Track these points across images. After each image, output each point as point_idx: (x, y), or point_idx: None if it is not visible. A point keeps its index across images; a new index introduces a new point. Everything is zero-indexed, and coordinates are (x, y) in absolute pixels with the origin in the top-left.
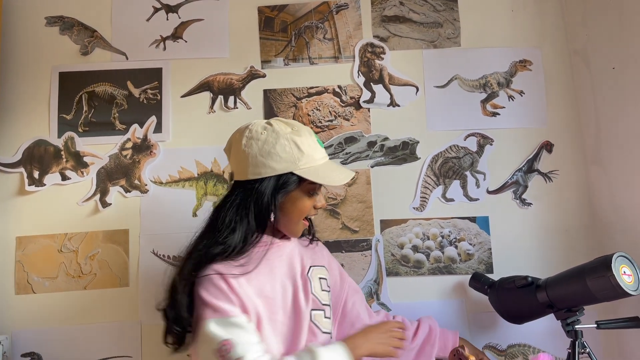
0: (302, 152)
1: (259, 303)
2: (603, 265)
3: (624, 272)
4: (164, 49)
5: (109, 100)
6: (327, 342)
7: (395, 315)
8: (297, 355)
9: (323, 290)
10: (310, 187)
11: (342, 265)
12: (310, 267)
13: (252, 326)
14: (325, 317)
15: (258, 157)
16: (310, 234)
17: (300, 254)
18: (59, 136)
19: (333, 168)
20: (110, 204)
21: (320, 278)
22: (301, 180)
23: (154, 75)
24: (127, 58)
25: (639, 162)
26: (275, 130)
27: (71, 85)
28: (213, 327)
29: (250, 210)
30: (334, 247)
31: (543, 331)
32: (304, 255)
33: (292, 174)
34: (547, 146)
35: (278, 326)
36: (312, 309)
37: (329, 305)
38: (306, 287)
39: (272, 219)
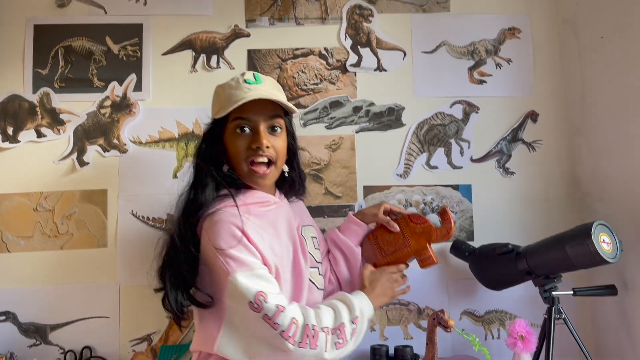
0: (226, 94)
1: (275, 260)
2: (583, 232)
3: (603, 240)
4: (145, 3)
5: (87, 55)
6: (321, 299)
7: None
8: (330, 305)
9: (316, 248)
10: (236, 123)
11: (323, 230)
12: (301, 226)
13: (273, 278)
14: (319, 274)
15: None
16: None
17: (292, 213)
18: (34, 92)
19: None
20: (88, 163)
21: (312, 237)
22: (227, 118)
23: (134, 31)
24: (105, 12)
25: (621, 133)
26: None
27: (47, 38)
28: (243, 280)
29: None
30: (317, 212)
31: (520, 298)
32: (294, 215)
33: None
34: (532, 116)
35: (284, 284)
36: (310, 267)
37: (321, 262)
38: (303, 245)
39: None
